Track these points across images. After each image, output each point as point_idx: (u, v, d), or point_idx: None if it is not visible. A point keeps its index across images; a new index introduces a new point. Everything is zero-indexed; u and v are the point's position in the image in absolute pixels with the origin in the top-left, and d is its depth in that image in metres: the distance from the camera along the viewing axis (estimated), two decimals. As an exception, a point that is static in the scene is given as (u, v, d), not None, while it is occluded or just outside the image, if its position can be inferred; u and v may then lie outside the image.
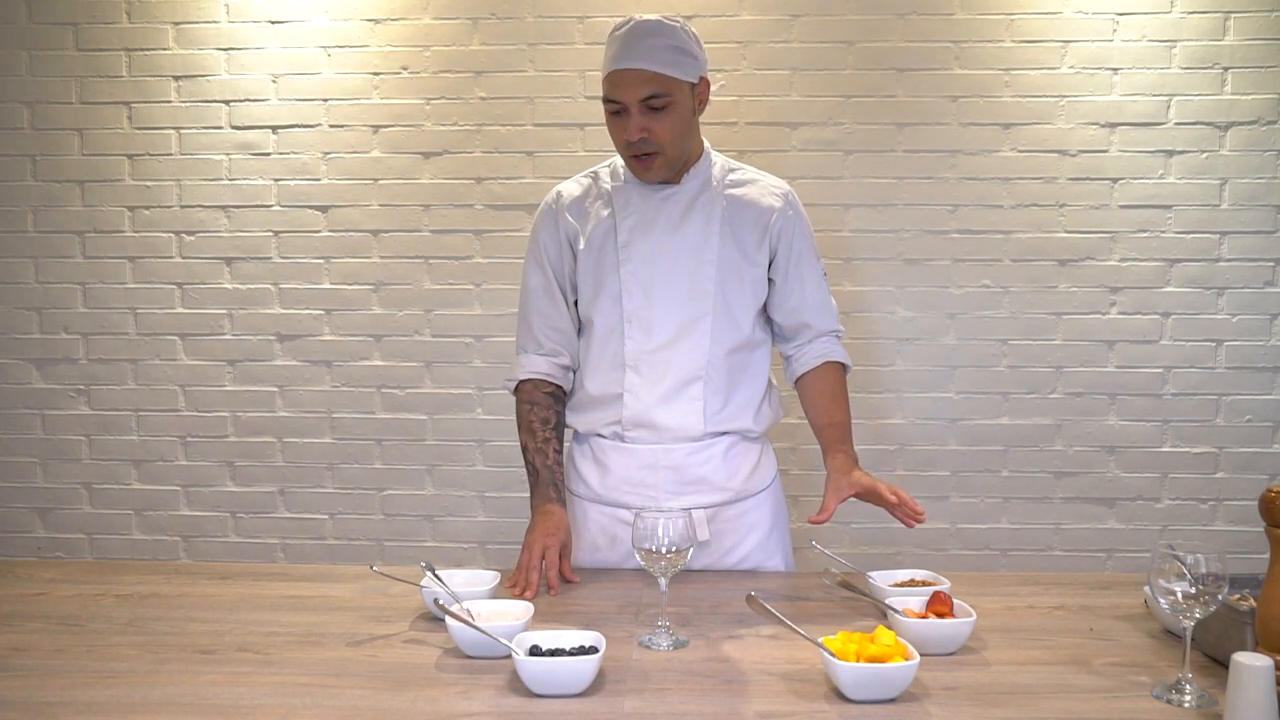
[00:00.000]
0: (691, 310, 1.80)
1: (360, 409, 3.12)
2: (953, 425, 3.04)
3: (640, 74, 1.68)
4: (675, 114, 1.72)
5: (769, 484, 1.92)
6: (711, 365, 1.80)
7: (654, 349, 1.80)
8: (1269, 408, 3.00)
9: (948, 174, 2.98)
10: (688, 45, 1.72)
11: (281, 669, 1.36)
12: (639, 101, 1.69)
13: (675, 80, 1.71)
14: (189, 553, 3.17)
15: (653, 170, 1.75)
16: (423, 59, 3.02)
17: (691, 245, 1.80)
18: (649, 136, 1.70)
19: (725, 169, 1.87)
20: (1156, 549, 1.24)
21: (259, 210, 3.08)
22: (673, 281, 1.79)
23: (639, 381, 1.80)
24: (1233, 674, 1.11)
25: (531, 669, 1.25)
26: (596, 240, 1.83)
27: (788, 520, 1.98)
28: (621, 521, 1.84)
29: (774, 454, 1.97)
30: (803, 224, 1.88)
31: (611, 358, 1.82)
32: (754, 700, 1.25)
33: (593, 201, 1.86)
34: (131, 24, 3.04)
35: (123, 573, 1.82)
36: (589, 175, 1.91)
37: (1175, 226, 2.97)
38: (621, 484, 1.84)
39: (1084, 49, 2.93)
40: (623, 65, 1.69)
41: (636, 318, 1.80)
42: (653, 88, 1.69)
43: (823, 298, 1.89)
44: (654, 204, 1.81)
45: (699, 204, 1.81)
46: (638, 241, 1.80)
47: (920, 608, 1.45)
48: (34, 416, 3.17)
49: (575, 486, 1.92)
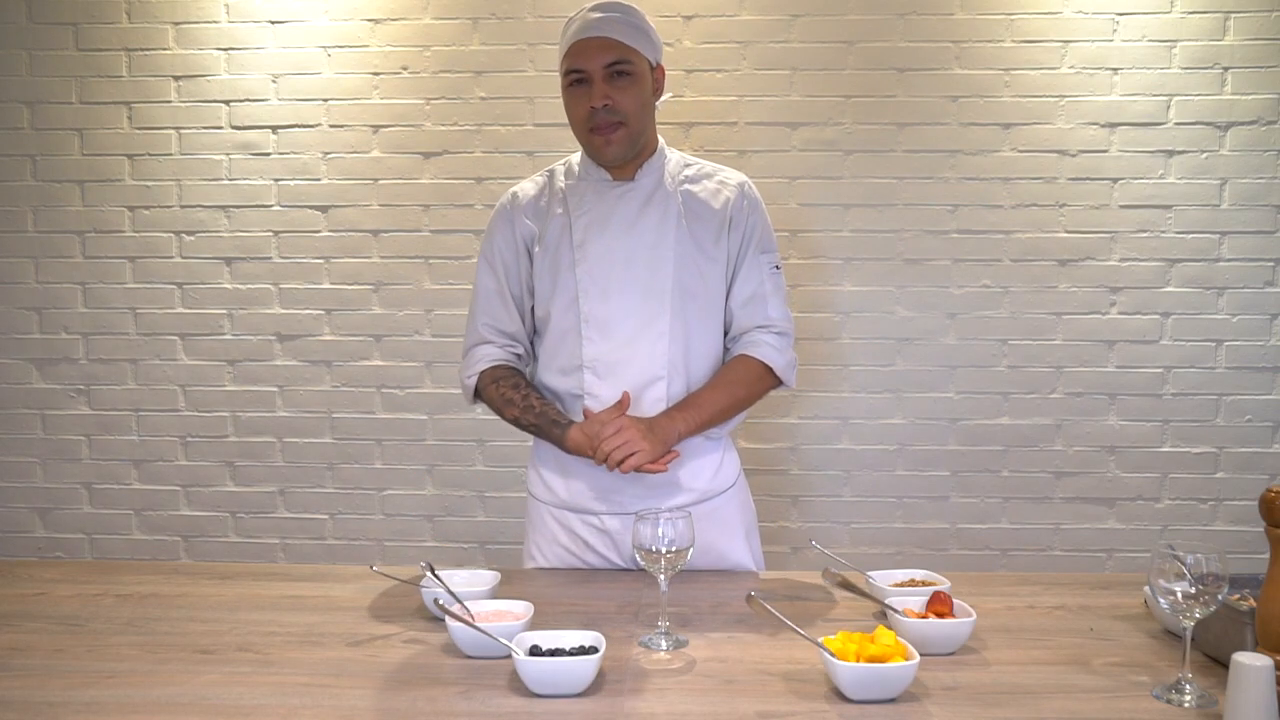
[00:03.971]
0: (649, 309, 1.77)
1: (360, 409, 3.12)
2: (953, 425, 3.04)
3: (604, 41, 1.70)
4: (638, 86, 1.73)
5: (734, 482, 1.91)
6: (672, 364, 1.78)
7: (612, 349, 1.78)
8: (1269, 408, 3.00)
9: (948, 174, 2.98)
10: (646, 27, 1.76)
11: (281, 669, 1.36)
12: (603, 68, 1.70)
13: (637, 52, 1.73)
14: (189, 553, 3.17)
15: (613, 145, 1.73)
16: (423, 59, 3.02)
17: (648, 242, 1.78)
18: (612, 105, 1.71)
19: (681, 164, 1.86)
20: (1156, 549, 1.24)
21: (259, 210, 3.08)
22: (629, 280, 1.77)
23: (599, 384, 1.78)
24: (1233, 674, 1.11)
25: (531, 669, 1.25)
26: (552, 240, 1.81)
27: (755, 518, 1.96)
28: (591, 527, 1.82)
29: (737, 453, 1.95)
30: (757, 215, 1.84)
31: (569, 358, 1.80)
32: (754, 700, 1.25)
33: (548, 201, 1.84)
34: (131, 24, 3.04)
35: (123, 573, 1.82)
36: (544, 174, 1.89)
37: (1175, 226, 2.97)
38: (585, 490, 1.82)
39: (1084, 49, 2.93)
40: (586, 35, 1.71)
41: (594, 319, 1.77)
42: (616, 54, 1.71)
43: (755, 291, 1.83)
44: (609, 201, 1.80)
45: (655, 200, 1.80)
46: (593, 240, 1.78)
47: (920, 608, 1.45)
48: (34, 416, 3.17)
49: (538, 493, 1.89)
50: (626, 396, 1.75)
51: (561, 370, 1.81)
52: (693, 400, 1.78)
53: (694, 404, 1.77)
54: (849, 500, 3.07)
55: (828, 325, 3.02)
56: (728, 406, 1.81)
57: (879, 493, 3.06)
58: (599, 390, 1.78)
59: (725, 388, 1.81)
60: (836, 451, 3.06)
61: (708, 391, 1.80)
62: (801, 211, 3.00)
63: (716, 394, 1.80)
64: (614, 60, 1.70)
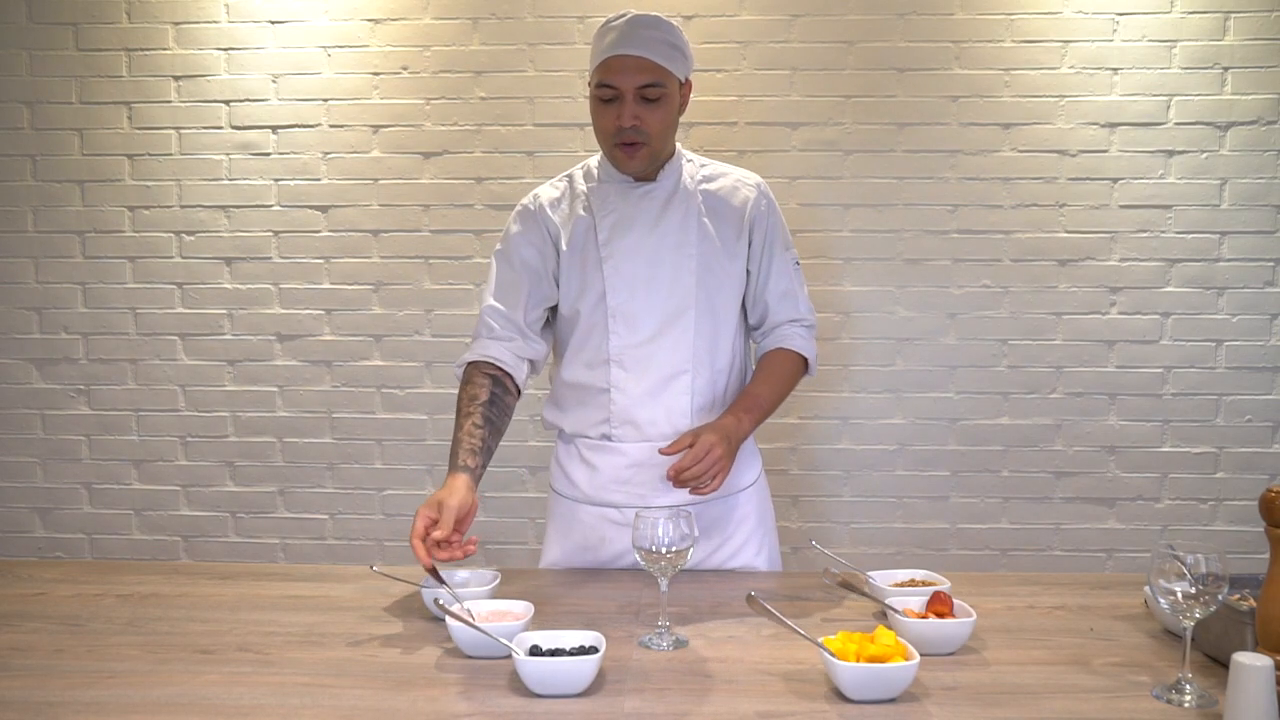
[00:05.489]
0: (674, 304, 1.80)
1: (360, 409, 3.12)
2: (953, 425, 3.04)
3: (640, 61, 1.70)
4: (666, 107, 1.74)
5: (755, 480, 1.93)
6: (696, 359, 1.81)
7: (638, 343, 1.80)
8: (1269, 408, 3.00)
9: (948, 174, 2.98)
10: (681, 43, 1.76)
11: (281, 669, 1.36)
12: (635, 89, 1.71)
13: (670, 73, 1.73)
14: (189, 553, 3.17)
15: (635, 160, 1.76)
16: (423, 59, 3.02)
17: (671, 241, 1.81)
18: (640, 125, 1.72)
19: (698, 165, 1.89)
20: (1156, 549, 1.24)
21: (259, 210, 3.08)
22: (655, 277, 1.80)
23: (624, 376, 1.81)
24: (1233, 674, 1.11)
25: (531, 669, 1.25)
26: (578, 241, 1.83)
27: (774, 517, 1.98)
28: (611, 522, 1.83)
29: (758, 451, 1.96)
30: (775, 215, 1.89)
31: (594, 352, 1.82)
32: (754, 700, 1.25)
33: (571, 204, 1.87)
34: (131, 24, 3.04)
35: (123, 573, 1.82)
36: (564, 179, 1.91)
37: (1175, 226, 2.97)
38: (610, 483, 1.84)
39: (1084, 49, 2.93)
40: (622, 51, 1.70)
41: (620, 313, 1.80)
42: (650, 76, 1.71)
43: (788, 287, 1.88)
44: (631, 201, 1.82)
45: (676, 199, 1.83)
46: (618, 239, 1.81)
47: (920, 608, 1.45)
48: (34, 416, 3.17)
49: (562, 488, 1.91)
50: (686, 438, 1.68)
51: (587, 364, 1.83)
52: (752, 397, 1.80)
53: (754, 401, 1.80)
54: (849, 500, 3.07)
55: (828, 325, 3.02)
56: (779, 399, 1.85)
57: (879, 493, 3.06)
58: (624, 384, 1.81)
59: (775, 382, 1.84)
60: (836, 451, 3.07)
61: (762, 386, 1.83)
62: (801, 211, 3.00)
63: (770, 388, 1.83)
64: (647, 83, 1.71)
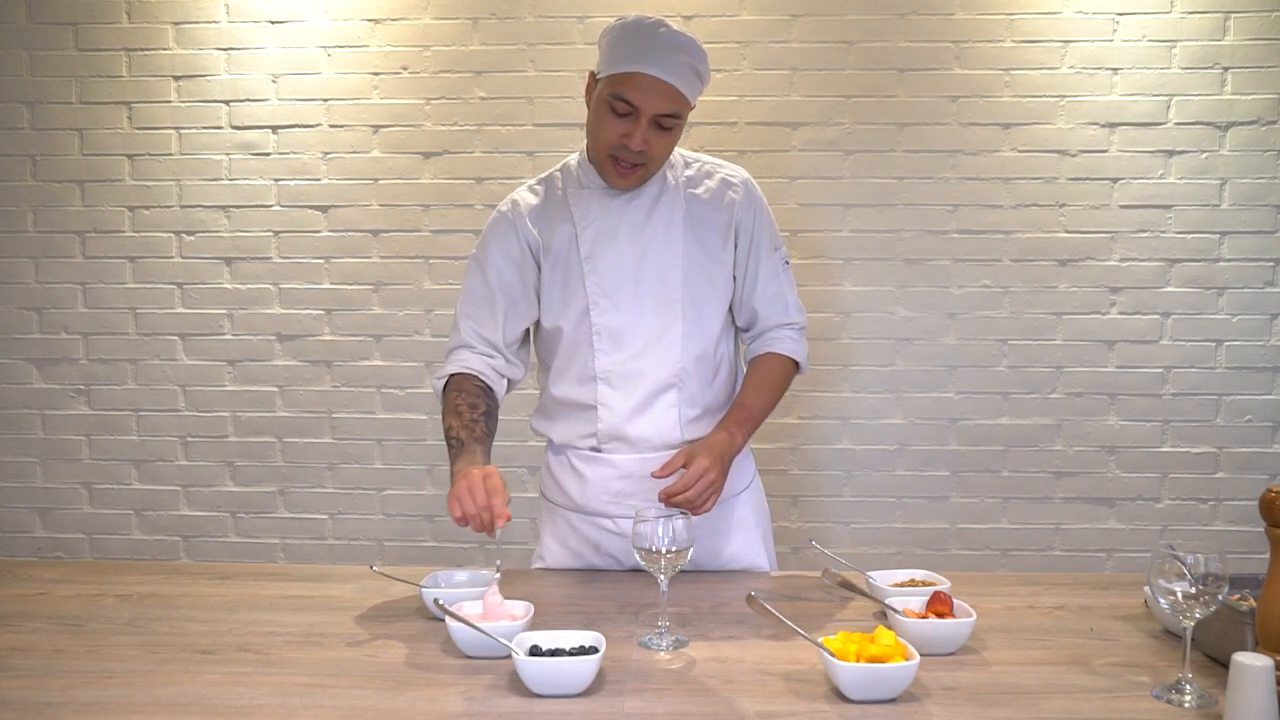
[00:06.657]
0: (661, 318, 1.76)
1: (360, 409, 3.12)
2: (953, 425, 3.04)
3: (667, 88, 1.64)
4: (675, 135, 1.70)
5: (749, 483, 1.91)
6: (684, 371, 1.77)
7: (625, 359, 1.76)
8: (1269, 408, 3.00)
9: (948, 174, 2.98)
10: (704, 71, 1.70)
11: (281, 669, 1.36)
12: (654, 115, 1.65)
13: (689, 103, 1.69)
14: (189, 553, 3.17)
15: (629, 180, 1.71)
16: (423, 59, 3.02)
17: (656, 251, 1.76)
18: (646, 150, 1.67)
19: (683, 164, 1.83)
20: (1156, 549, 1.24)
21: (259, 210, 3.08)
22: (640, 291, 1.75)
23: (612, 394, 1.77)
24: (1233, 674, 1.11)
25: (531, 669, 1.25)
26: (559, 252, 1.78)
27: (769, 519, 1.97)
28: (605, 530, 1.82)
29: (751, 452, 1.95)
30: (762, 214, 1.83)
31: (581, 369, 1.78)
32: (754, 700, 1.25)
33: (553, 211, 1.80)
34: (131, 24, 3.04)
35: (123, 573, 1.82)
36: (541, 183, 1.84)
37: (1175, 226, 2.97)
38: (600, 494, 1.81)
39: (1084, 49, 2.93)
40: (653, 71, 1.62)
41: (606, 330, 1.76)
42: (673, 106, 1.65)
43: (777, 290, 1.83)
44: (614, 210, 1.77)
45: (660, 207, 1.77)
46: (601, 252, 1.76)
47: (920, 608, 1.45)
48: (34, 416, 3.17)
49: (554, 496, 1.89)
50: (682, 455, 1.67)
51: (575, 381, 1.80)
52: (744, 409, 1.77)
53: (746, 414, 1.77)
54: (849, 500, 3.07)
55: (828, 325, 3.02)
56: (771, 407, 1.82)
57: (879, 493, 3.06)
58: (612, 401, 1.77)
59: (767, 390, 1.81)
60: (836, 451, 3.07)
61: (754, 396, 1.79)
62: (801, 211, 3.00)
63: (761, 398, 1.80)
64: (668, 113, 1.65)
